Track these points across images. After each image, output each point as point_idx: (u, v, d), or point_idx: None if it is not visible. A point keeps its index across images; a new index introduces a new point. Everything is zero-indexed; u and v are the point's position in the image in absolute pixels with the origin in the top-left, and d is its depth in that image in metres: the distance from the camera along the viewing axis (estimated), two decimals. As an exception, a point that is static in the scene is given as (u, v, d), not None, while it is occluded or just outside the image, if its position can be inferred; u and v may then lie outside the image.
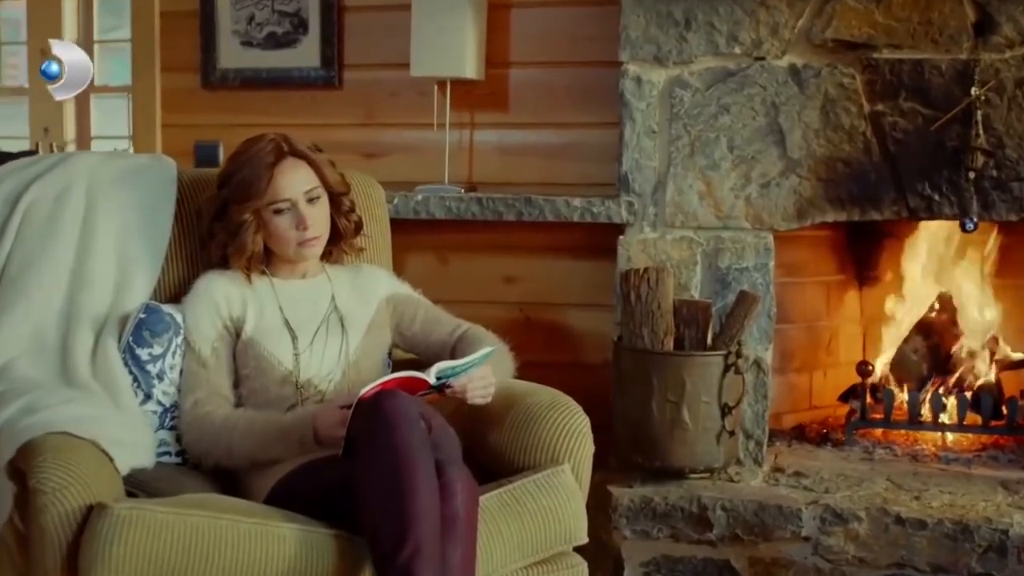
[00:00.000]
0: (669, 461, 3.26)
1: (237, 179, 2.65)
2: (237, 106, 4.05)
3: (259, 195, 2.61)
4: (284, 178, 2.64)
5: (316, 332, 2.70)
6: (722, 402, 3.24)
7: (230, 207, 2.66)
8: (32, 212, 2.73)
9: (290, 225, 2.64)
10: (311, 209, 2.66)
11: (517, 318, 3.79)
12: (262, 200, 2.62)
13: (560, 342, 3.78)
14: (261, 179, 2.61)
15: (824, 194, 3.39)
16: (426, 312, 2.86)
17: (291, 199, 2.63)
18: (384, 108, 3.97)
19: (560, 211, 3.58)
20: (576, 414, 2.60)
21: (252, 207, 2.63)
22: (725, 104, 3.41)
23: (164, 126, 4.16)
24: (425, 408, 2.38)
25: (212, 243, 2.72)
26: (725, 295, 3.43)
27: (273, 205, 2.63)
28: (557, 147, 3.85)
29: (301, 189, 2.65)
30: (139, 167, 2.90)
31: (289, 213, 2.64)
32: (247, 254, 2.67)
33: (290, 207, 2.64)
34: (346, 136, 3.96)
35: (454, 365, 2.46)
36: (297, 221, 2.64)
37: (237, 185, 2.64)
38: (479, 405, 2.56)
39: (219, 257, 2.72)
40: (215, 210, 2.71)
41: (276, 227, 2.65)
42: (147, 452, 2.46)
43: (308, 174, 2.68)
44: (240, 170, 2.65)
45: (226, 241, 2.68)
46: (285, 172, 2.64)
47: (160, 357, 2.65)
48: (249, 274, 2.72)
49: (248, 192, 2.63)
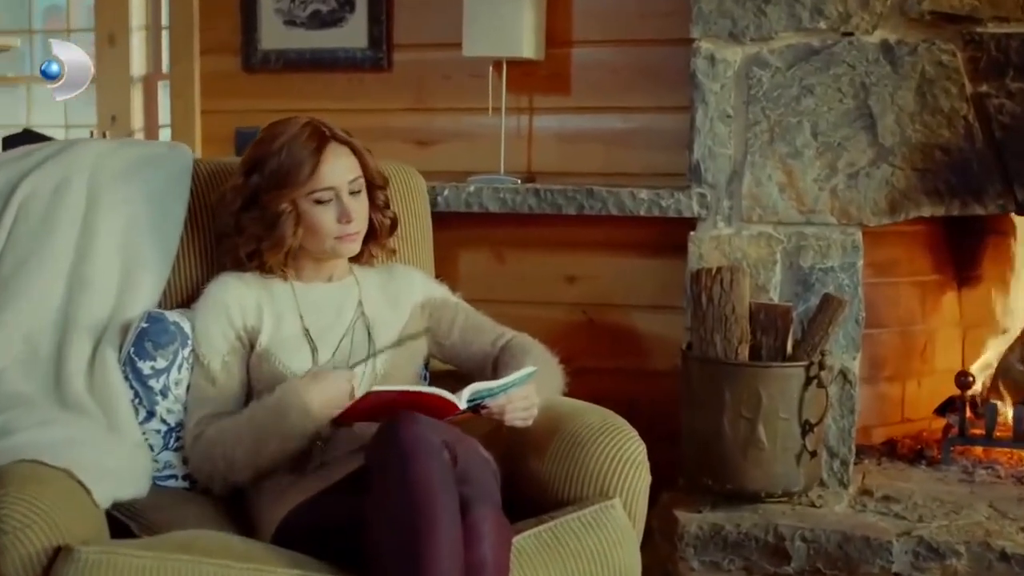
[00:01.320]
0: (742, 484, 2.98)
1: (273, 165, 2.39)
2: (279, 90, 3.83)
3: (301, 182, 2.37)
4: (329, 165, 2.40)
5: (339, 343, 2.43)
6: (803, 419, 2.95)
7: (263, 196, 2.40)
8: (27, 207, 2.49)
9: (331, 217, 2.40)
10: (353, 201, 2.43)
11: (579, 321, 3.58)
12: (304, 188, 2.38)
13: (625, 347, 3.55)
14: (304, 165, 2.37)
15: (920, 185, 3.09)
16: (466, 318, 2.57)
17: (335, 188, 2.40)
18: (436, 92, 3.74)
19: (625, 204, 3.32)
20: (630, 440, 2.28)
21: (291, 195, 2.38)
22: (809, 85, 3.12)
23: (203, 112, 3.95)
24: (451, 434, 2.08)
25: (241, 238, 2.45)
26: (807, 298, 3.14)
27: (315, 194, 2.38)
28: (622, 134, 3.59)
29: (345, 178, 2.41)
30: (149, 156, 2.64)
31: (331, 204, 2.40)
32: (284, 248, 2.42)
33: (333, 197, 2.40)
34: (395, 122, 3.76)
35: (491, 387, 2.19)
36: (340, 213, 2.40)
37: (274, 172, 2.39)
38: (519, 428, 2.26)
39: (249, 252, 2.45)
40: (243, 200, 2.44)
41: (315, 219, 2.40)
42: (138, 481, 2.20)
43: (352, 162, 2.45)
44: (275, 155, 2.40)
45: (260, 234, 2.42)
46: (331, 158, 2.41)
47: (164, 371, 2.39)
48: (272, 275, 2.47)
49: (288, 179, 2.38)
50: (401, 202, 2.77)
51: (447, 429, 2.09)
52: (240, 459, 2.25)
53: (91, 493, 2.00)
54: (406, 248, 2.76)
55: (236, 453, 2.25)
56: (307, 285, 2.49)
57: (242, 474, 2.27)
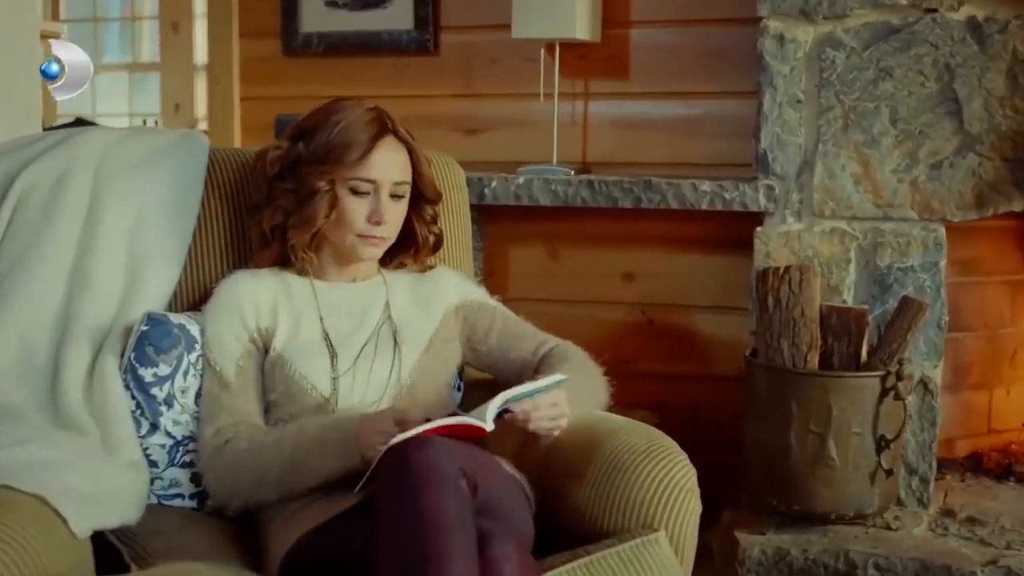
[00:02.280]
0: (811, 504, 2.76)
1: (323, 138, 2.20)
2: (321, 75, 3.70)
3: (346, 165, 2.17)
4: (380, 157, 2.20)
5: (362, 349, 2.21)
6: (878, 434, 2.72)
7: (303, 168, 2.21)
8: (26, 200, 2.30)
9: (362, 212, 2.20)
10: (392, 204, 2.22)
11: (638, 321, 3.43)
12: (347, 172, 2.18)
13: (687, 351, 3.40)
14: (355, 147, 2.17)
15: (1010, 177, 2.88)
16: (504, 324, 2.35)
17: (378, 182, 2.20)
18: (485, 76, 3.59)
19: (685, 197, 3.14)
20: (677, 464, 2.04)
21: (332, 175, 2.19)
22: (887, 67, 2.91)
23: (243, 99, 3.82)
24: (472, 458, 1.86)
25: (269, 208, 2.26)
26: (885, 300, 2.94)
27: (355, 182, 2.19)
28: (684, 121, 3.43)
29: (392, 176, 2.21)
30: (161, 146, 2.45)
31: (367, 198, 2.20)
32: (312, 230, 2.21)
33: (371, 192, 2.20)
34: (442, 109, 3.62)
35: (517, 393, 1.97)
36: (372, 211, 2.20)
37: (322, 145, 2.20)
38: (548, 442, 2.07)
39: (274, 227, 2.25)
40: (281, 167, 2.25)
41: (345, 207, 2.20)
42: (127, 506, 1.99)
43: (404, 164, 2.25)
44: (329, 129, 2.20)
45: (290, 208, 2.22)
46: (384, 151, 2.21)
47: (167, 378, 2.18)
48: (291, 271, 2.27)
49: (333, 156, 2.18)
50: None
51: (467, 452, 1.86)
52: (272, 476, 2.05)
53: (67, 521, 1.79)
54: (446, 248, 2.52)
55: (271, 469, 2.05)
56: (329, 285, 2.29)
57: (268, 494, 2.07)
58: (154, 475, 2.19)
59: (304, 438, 2.03)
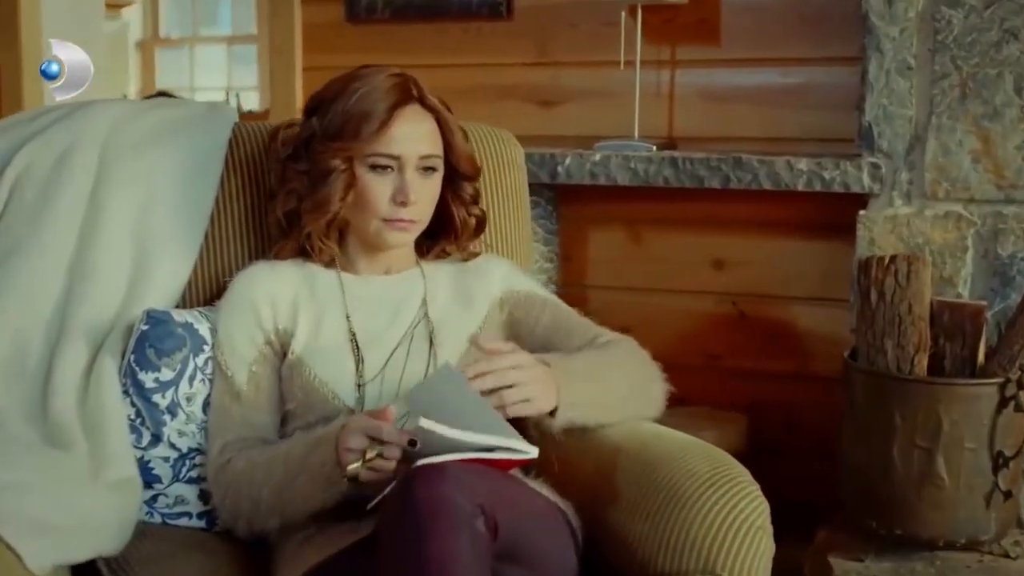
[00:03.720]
0: (915, 529, 2.44)
1: (338, 109, 1.94)
2: (387, 43, 3.46)
3: (363, 138, 1.91)
4: (403, 127, 1.93)
5: (393, 352, 1.95)
6: (995, 449, 2.40)
7: (316, 145, 1.96)
8: (23, 182, 2.10)
9: (385, 192, 1.93)
10: (420, 181, 1.95)
11: (729, 313, 3.18)
12: (364, 147, 1.92)
13: (782, 346, 3.13)
14: (373, 117, 1.91)
15: None
16: (554, 317, 2.07)
17: (401, 157, 1.93)
18: (562, 42, 3.32)
19: (780, 176, 2.87)
20: (746, 498, 1.73)
21: (348, 151, 1.93)
22: (1012, 28, 2.63)
23: (305, 69, 3.62)
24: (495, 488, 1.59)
25: (281, 192, 2.02)
26: (1006, 295, 2.66)
27: (374, 157, 1.92)
28: (781, 90, 3.13)
29: (417, 149, 1.94)
30: (181, 120, 2.23)
31: (390, 176, 1.93)
32: (328, 215, 1.96)
33: (395, 168, 1.93)
34: (516, 78, 3.36)
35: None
36: (396, 190, 1.92)
37: (336, 118, 1.94)
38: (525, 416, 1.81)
39: (288, 212, 2.01)
40: (294, 147, 2.01)
41: (366, 187, 1.93)
42: (107, 534, 1.77)
43: (433, 135, 1.98)
44: (344, 99, 1.94)
45: (303, 192, 1.98)
46: (407, 120, 1.94)
47: (171, 384, 1.95)
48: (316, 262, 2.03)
49: (350, 129, 1.92)
50: (490, 175, 2.28)
51: (490, 483, 1.59)
52: (266, 502, 1.81)
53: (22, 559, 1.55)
54: (494, 234, 2.27)
55: (263, 494, 1.81)
56: (358, 278, 2.03)
57: (267, 521, 1.83)
58: (157, 491, 1.98)
59: (292, 459, 1.78)
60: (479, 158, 2.18)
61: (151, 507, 1.97)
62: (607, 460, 1.85)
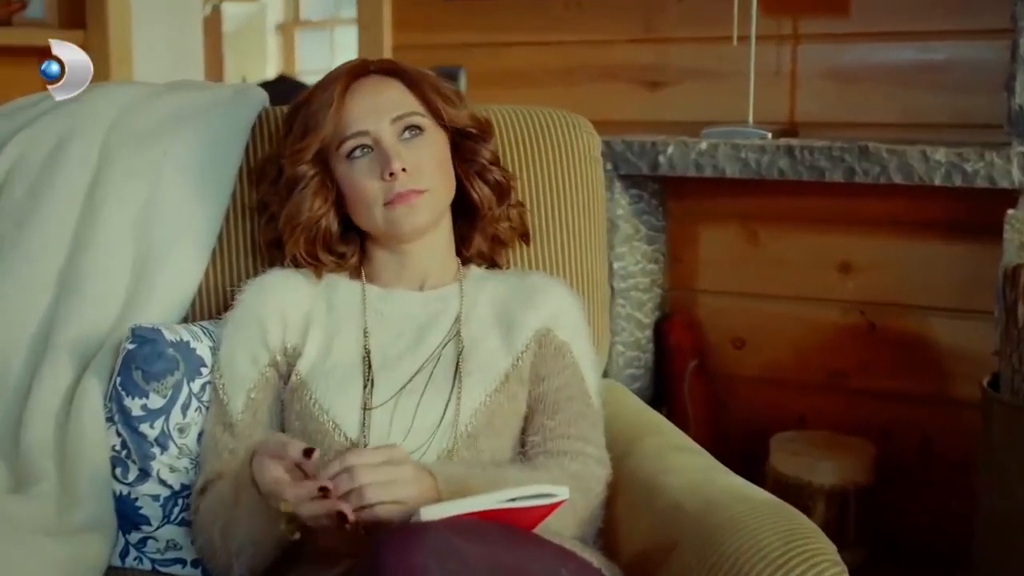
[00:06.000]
0: None
1: (298, 113, 1.73)
2: (483, 20, 3.22)
3: (324, 126, 1.68)
4: (362, 100, 1.68)
5: (412, 378, 1.63)
6: None
7: (283, 159, 1.73)
8: (15, 175, 1.85)
9: (371, 173, 1.66)
10: (405, 146, 1.67)
11: (856, 324, 2.86)
12: (327, 135, 1.68)
13: (918, 363, 2.82)
14: (324, 108, 1.68)
15: None
16: (560, 388, 1.70)
17: (369, 132, 1.66)
18: (669, 16, 3.01)
19: (913, 169, 2.50)
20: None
21: (311, 150, 1.69)
22: None
23: (395, 48, 3.37)
24: (497, 552, 1.27)
25: (262, 220, 1.81)
26: None
27: (343, 144, 1.67)
28: (918, 69, 2.80)
29: (385, 115, 1.67)
30: (202, 105, 1.94)
31: (371, 156, 1.67)
32: (308, 231, 1.71)
33: (371, 145, 1.67)
34: (621, 57, 3.07)
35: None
36: (382, 164, 1.65)
37: (297, 120, 1.73)
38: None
39: (270, 240, 1.79)
40: (264, 165, 1.82)
41: (350, 180, 1.68)
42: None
43: (402, 96, 1.70)
44: (303, 105, 1.73)
45: (277, 212, 1.74)
46: (365, 92, 1.70)
47: (160, 412, 1.68)
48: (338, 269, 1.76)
49: (310, 125, 1.69)
50: (560, 168, 1.96)
51: (489, 547, 1.27)
52: (219, 545, 1.56)
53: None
54: (563, 236, 1.94)
55: (224, 527, 1.55)
56: (385, 291, 1.73)
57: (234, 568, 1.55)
58: (146, 534, 1.71)
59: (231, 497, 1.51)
60: (546, 146, 1.91)
61: (140, 551, 1.72)
62: (664, 520, 1.52)
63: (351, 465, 1.36)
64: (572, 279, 1.95)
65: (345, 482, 1.35)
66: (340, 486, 1.35)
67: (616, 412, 1.85)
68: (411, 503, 1.36)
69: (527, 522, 1.39)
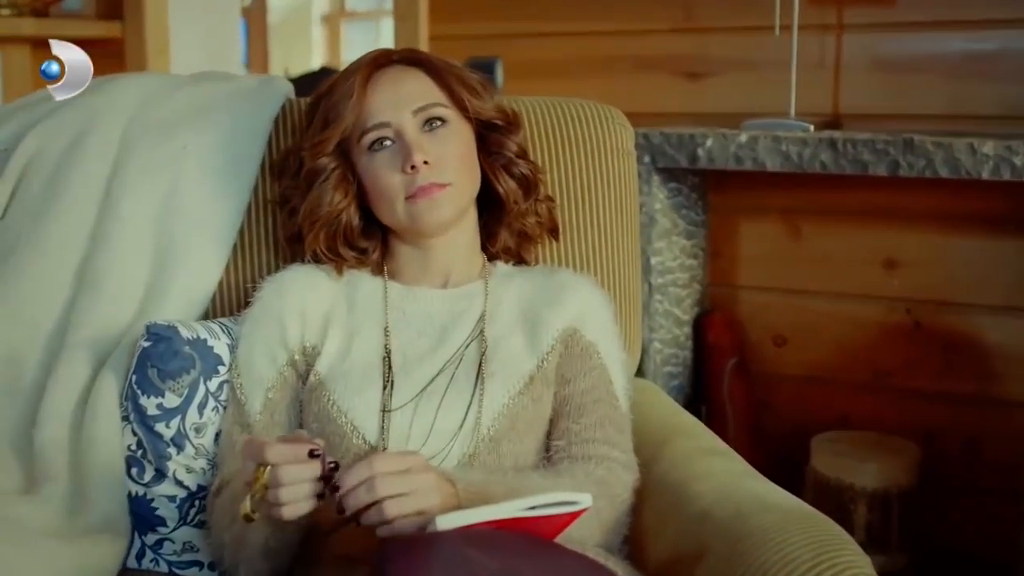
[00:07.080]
0: None
1: (318, 106, 1.68)
2: (520, 10, 3.13)
3: (345, 118, 1.63)
4: (384, 91, 1.63)
5: (433, 379, 1.58)
6: None
7: (303, 153, 1.69)
8: (32, 170, 1.82)
9: (393, 166, 1.61)
10: (427, 138, 1.62)
11: (901, 322, 2.76)
12: (348, 127, 1.63)
13: (966, 363, 2.73)
14: (344, 99, 1.63)
15: None
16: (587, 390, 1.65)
17: (391, 124, 1.61)
18: (709, 5, 2.92)
19: (959, 162, 2.39)
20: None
21: (331, 143, 1.64)
22: None
23: (432, 39, 3.28)
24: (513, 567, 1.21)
25: (281, 215, 1.77)
26: None
27: (364, 136, 1.62)
28: (968, 59, 2.67)
29: (407, 106, 1.62)
30: (225, 97, 1.90)
31: (392, 149, 1.62)
32: (328, 226, 1.67)
33: (393, 138, 1.62)
34: (660, 47, 2.98)
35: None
36: (402, 158, 1.60)
37: (317, 112, 1.68)
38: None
39: (290, 236, 1.73)
40: (284, 159, 1.76)
41: (372, 172, 1.63)
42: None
43: (425, 86, 1.65)
44: (323, 98, 1.68)
45: (298, 206, 1.69)
46: (386, 82, 1.65)
47: (176, 412, 1.64)
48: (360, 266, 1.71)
49: (330, 117, 1.64)
50: (590, 162, 1.91)
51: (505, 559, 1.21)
52: (229, 548, 1.52)
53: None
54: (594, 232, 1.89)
55: (225, 537, 1.53)
56: (408, 289, 1.68)
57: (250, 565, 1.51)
58: (162, 535, 1.68)
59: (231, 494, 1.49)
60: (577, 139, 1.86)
61: (156, 553, 1.68)
62: (692, 528, 1.46)
63: (371, 476, 1.31)
64: (602, 277, 1.89)
65: (364, 495, 1.30)
66: (360, 498, 1.30)
67: (647, 414, 1.79)
68: (431, 512, 1.31)
69: (548, 531, 1.34)
